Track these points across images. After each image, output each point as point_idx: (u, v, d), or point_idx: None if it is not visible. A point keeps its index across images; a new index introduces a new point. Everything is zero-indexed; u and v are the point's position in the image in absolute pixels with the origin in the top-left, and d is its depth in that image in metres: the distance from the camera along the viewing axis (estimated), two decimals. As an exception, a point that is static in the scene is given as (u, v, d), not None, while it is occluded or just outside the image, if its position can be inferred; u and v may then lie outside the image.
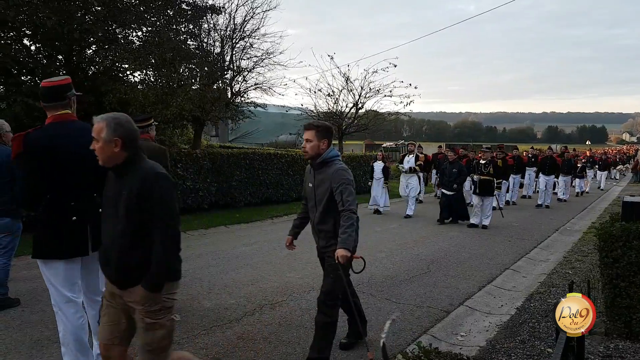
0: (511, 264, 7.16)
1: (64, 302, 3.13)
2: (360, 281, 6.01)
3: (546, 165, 14.85)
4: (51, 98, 3.15)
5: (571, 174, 16.58)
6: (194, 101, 11.53)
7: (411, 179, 11.95)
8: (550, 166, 14.79)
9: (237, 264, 6.85)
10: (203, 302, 5.12)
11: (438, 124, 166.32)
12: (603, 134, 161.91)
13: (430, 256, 7.51)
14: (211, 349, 3.95)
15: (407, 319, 4.77)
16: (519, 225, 10.80)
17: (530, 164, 16.01)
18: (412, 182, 11.94)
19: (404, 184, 12.05)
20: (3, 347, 3.89)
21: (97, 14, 12.10)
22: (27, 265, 6.49)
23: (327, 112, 18.75)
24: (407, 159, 12.24)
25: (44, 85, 3.17)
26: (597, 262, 6.87)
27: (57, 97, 3.15)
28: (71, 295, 3.15)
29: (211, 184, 11.68)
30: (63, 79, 3.26)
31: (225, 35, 13.18)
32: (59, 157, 3.04)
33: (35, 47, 12.28)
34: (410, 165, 12.14)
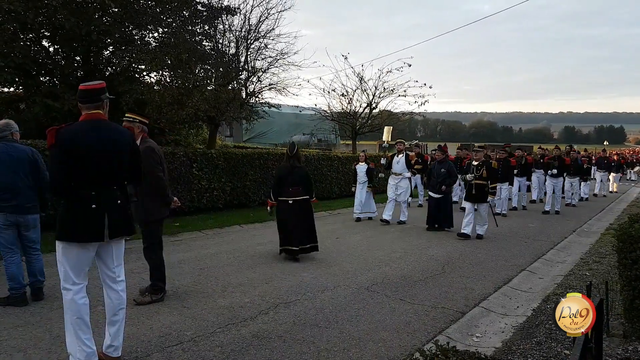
0: (527, 265, 7.09)
1: (70, 283, 3.39)
2: (374, 281, 6.02)
3: (553, 167, 13.29)
4: (86, 99, 3.48)
5: (579, 176, 14.99)
6: (209, 101, 11.63)
7: (401, 181, 10.75)
8: (558, 167, 13.23)
9: (251, 263, 6.89)
10: (218, 300, 5.16)
11: (453, 124, 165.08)
12: (621, 134, 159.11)
13: (445, 257, 7.47)
14: (226, 346, 3.98)
15: (422, 319, 4.76)
16: (536, 226, 10.68)
17: (537, 165, 14.44)
18: (403, 184, 10.75)
19: (393, 186, 10.80)
20: (23, 343, 3.96)
21: (114, 15, 12.27)
22: (46, 263, 6.61)
23: (341, 112, 18.76)
24: (397, 159, 10.89)
25: (81, 88, 3.50)
26: (615, 263, 6.79)
27: (92, 99, 3.48)
28: (77, 280, 3.42)
29: (226, 184, 11.76)
30: (98, 83, 3.54)
31: (240, 36, 13.27)
32: (82, 150, 3.33)
33: (54, 49, 12.50)
34: (400, 168, 10.75)
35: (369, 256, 7.42)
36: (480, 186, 9.02)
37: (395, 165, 10.87)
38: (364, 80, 17.35)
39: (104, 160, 3.42)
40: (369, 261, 7.10)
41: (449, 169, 9.86)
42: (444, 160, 10.09)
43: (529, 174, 14.14)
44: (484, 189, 9.04)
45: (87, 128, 3.43)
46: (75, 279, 3.40)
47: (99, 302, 5.00)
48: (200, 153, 11.40)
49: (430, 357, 2.72)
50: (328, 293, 5.52)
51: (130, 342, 4.01)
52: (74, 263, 3.39)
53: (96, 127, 3.45)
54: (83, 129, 3.42)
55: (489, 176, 9.07)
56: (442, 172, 9.80)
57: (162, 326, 4.38)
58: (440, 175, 9.81)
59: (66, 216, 3.38)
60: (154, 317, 4.60)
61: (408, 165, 10.84)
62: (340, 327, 4.49)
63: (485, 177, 9.03)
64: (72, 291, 3.37)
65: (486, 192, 9.06)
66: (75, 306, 3.37)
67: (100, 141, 3.41)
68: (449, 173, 9.81)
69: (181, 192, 10.70)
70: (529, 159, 14.49)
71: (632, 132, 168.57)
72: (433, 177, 10.07)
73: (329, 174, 15.11)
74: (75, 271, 3.40)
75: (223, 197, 11.73)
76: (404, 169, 10.78)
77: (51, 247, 7.16)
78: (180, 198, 10.61)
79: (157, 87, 12.49)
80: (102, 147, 3.40)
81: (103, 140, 3.42)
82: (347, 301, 5.24)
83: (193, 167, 10.95)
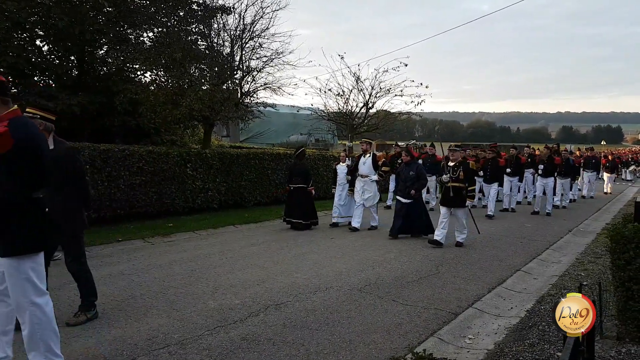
0: (522, 266, 7.03)
1: (40, 295, 3.15)
2: (367, 282, 5.96)
3: (543, 166, 12.86)
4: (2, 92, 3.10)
5: (569, 176, 14.17)
6: (204, 101, 11.56)
7: (368, 184, 9.71)
8: (547, 167, 12.80)
9: (244, 263, 6.83)
10: (208, 302, 5.09)
11: (451, 124, 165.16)
12: (619, 134, 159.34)
13: (440, 257, 7.41)
14: (214, 350, 3.92)
15: (414, 320, 4.70)
16: (531, 226, 10.63)
17: (527, 165, 13.87)
18: (370, 188, 9.71)
19: (360, 190, 9.75)
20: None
21: (108, 14, 12.21)
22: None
23: (337, 112, 18.68)
24: (363, 160, 9.86)
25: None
26: (610, 264, 6.76)
27: (4, 92, 3.10)
28: (44, 287, 3.21)
29: (220, 184, 11.70)
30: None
31: (235, 35, 13.19)
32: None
33: (48, 48, 12.43)
34: (367, 169, 9.74)
35: (363, 256, 7.36)
36: (457, 189, 8.19)
37: (362, 167, 9.83)
38: (361, 80, 17.24)
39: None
40: (362, 262, 7.04)
41: (418, 171, 8.96)
42: (412, 162, 9.19)
43: (521, 174, 13.58)
44: (461, 192, 8.18)
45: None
46: (43, 286, 3.20)
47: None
48: (195, 153, 11.34)
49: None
50: (320, 294, 5.46)
51: (116, 345, 3.94)
52: (40, 271, 3.18)
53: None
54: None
55: (466, 178, 8.19)
56: (410, 174, 8.90)
57: (150, 329, 4.31)
58: (408, 178, 8.91)
59: (25, 225, 3.10)
60: (141, 320, 4.53)
61: (375, 167, 9.78)
62: (331, 329, 4.43)
63: (462, 179, 8.17)
64: (44, 304, 3.15)
65: (464, 196, 8.20)
66: (47, 321, 3.16)
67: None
68: (418, 176, 8.90)
69: (175, 192, 10.64)
70: (521, 158, 13.82)
71: (630, 131, 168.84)
72: (401, 180, 9.17)
73: (325, 173, 15.05)
74: (42, 278, 3.20)
75: (218, 197, 11.66)
76: (371, 171, 9.74)
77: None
78: (174, 198, 10.61)
79: (151, 87, 12.41)
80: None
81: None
82: (339, 302, 5.18)
83: (187, 167, 10.89)
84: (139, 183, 9.84)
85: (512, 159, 13.38)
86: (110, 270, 6.30)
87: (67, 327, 4.29)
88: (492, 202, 12.19)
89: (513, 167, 13.20)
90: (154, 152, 10.25)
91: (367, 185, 9.73)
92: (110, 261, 6.83)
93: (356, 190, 9.85)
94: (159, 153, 10.34)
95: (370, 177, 9.73)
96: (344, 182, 10.30)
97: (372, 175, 9.74)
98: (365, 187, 9.73)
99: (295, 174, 9.96)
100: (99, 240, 7.96)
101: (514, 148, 14.09)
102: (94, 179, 9.05)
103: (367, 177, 9.74)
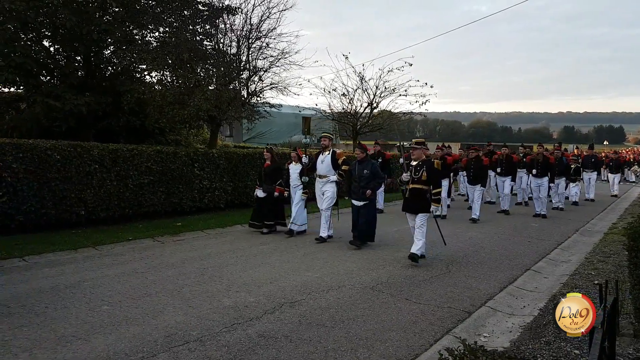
0: (532, 265, 7.06)
1: None
2: (379, 281, 5.99)
3: (536, 166, 12.20)
4: None
5: (564, 177, 13.60)
6: (211, 101, 11.60)
7: (326, 185, 8.63)
8: (541, 167, 12.12)
9: (255, 262, 6.86)
10: (223, 300, 5.12)
11: (452, 124, 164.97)
12: (621, 134, 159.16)
13: (450, 256, 7.43)
14: (233, 346, 3.94)
15: (429, 319, 4.72)
16: (538, 226, 10.65)
17: (520, 164, 13.21)
18: (328, 189, 8.62)
19: (319, 191, 8.80)
20: (28, 344, 3.92)
21: (115, 14, 12.26)
22: (49, 263, 6.58)
23: (342, 112, 18.72)
24: (322, 158, 8.71)
25: None
26: (621, 263, 6.78)
27: None
28: None
29: (227, 183, 11.73)
30: None
31: (242, 36, 13.22)
32: None
33: (55, 48, 12.48)
34: (325, 169, 8.63)
35: (372, 255, 7.39)
36: (420, 192, 7.04)
37: (320, 166, 8.68)
38: (365, 79, 17.28)
39: None
40: (372, 260, 7.06)
41: (372, 169, 8.03)
42: (366, 160, 8.19)
43: (513, 174, 12.77)
44: (424, 195, 7.04)
45: None
46: None
47: (103, 301, 4.98)
48: (202, 153, 11.37)
49: (460, 356, 2.68)
50: (333, 293, 5.48)
51: (135, 342, 3.97)
52: None
53: None
54: None
55: (429, 179, 7.03)
56: (364, 173, 7.96)
57: (168, 326, 4.34)
58: (362, 177, 7.96)
59: None
60: (159, 317, 4.56)
61: (335, 166, 8.59)
62: (346, 327, 4.46)
63: (425, 180, 7.02)
64: None
65: (427, 200, 7.07)
66: None
67: None
68: (373, 174, 7.99)
69: (183, 191, 10.67)
70: (514, 157, 13.10)
71: (632, 132, 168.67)
72: (354, 180, 8.11)
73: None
74: None
75: (224, 196, 11.69)
76: (330, 171, 8.59)
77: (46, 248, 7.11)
78: (182, 198, 10.64)
79: (158, 87, 12.45)
80: None
81: None
82: (353, 301, 5.20)
83: (194, 167, 10.92)
84: (147, 182, 9.88)
85: (503, 157, 12.71)
86: (123, 269, 6.33)
87: (85, 324, 4.32)
88: (477, 204, 11.26)
89: (504, 166, 12.56)
90: (162, 152, 10.29)
91: (326, 186, 8.66)
92: (122, 260, 6.86)
93: (317, 193, 8.86)
94: (167, 153, 10.37)
95: (329, 177, 8.62)
96: (297, 183, 9.03)
97: (331, 176, 8.60)
98: (323, 189, 8.70)
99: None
100: (109, 239, 8.00)
101: (506, 147, 13.32)
102: (102, 178, 9.09)
103: (325, 177, 8.65)
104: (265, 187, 9.18)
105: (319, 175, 8.73)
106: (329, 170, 8.62)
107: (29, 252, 6.96)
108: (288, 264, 6.79)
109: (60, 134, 11.08)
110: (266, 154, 9.47)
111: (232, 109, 12.40)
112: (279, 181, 9.18)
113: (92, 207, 8.98)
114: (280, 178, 9.25)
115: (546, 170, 12.22)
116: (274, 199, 9.14)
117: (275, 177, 9.23)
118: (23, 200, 8.05)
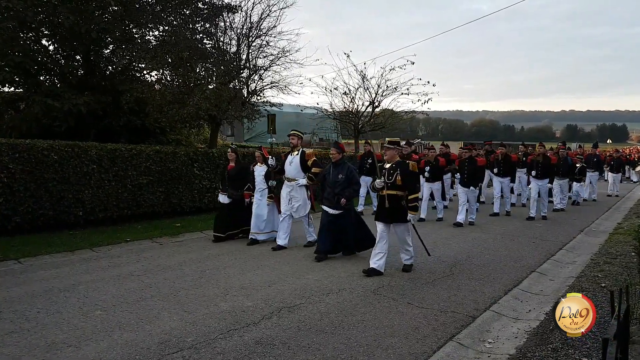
0: (537, 267, 6.90)
1: None
2: (380, 284, 5.85)
3: (537, 167, 11.55)
4: None
5: (568, 177, 13.11)
6: (211, 100, 11.48)
7: (295, 190, 7.75)
8: (542, 167, 11.49)
9: (254, 264, 6.73)
10: (220, 304, 5.00)
11: (455, 123, 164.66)
12: (624, 132, 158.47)
13: (453, 258, 7.29)
14: (228, 353, 3.82)
15: (432, 324, 4.58)
16: (542, 226, 10.49)
17: (520, 164, 12.54)
18: (298, 194, 7.76)
19: (285, 197, 7.86)
20: (17, 351, 3.81)
21: (114, 13, 12.13)
22: (45, 265, 6.47)
23: (343, 111, 18.60)
24: (290, 158, 7.84)
25: None
26: (628, 264, 6.63)
27: None
28: None
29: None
30: None
31: (242, 34, 13.10)
32: None
33: (54, 47, 12.38)
34: (294, 171, 7.77)
35: (374, 257, 7.23)
36: (395, 198, 6.27)
37: (288, 167, 7.82)
38: (367, 78, 17.16)
39: None
40: (374, 263, 6.91)
41: (348, 174, 7.05)
42: (341, 163, 7.20)
43: (512, 175, 12.05)
44: (399, 201, 6.28)
45: None
46: None
47: (96, 306, 4.86)
48: (202, 153, 11.25)
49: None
50: (333, 296, 5.35)
51: (127, 350, 3.85)
52: None
53: None
54: None
55: (405, 184, 6.27)
56: (339, 178, 7.01)
57: (162, 332, 4.22)
58: (337, 183, 7.01)
59: None
60: (153, 323, 4.44)
61: (304, 168, 7.74)
62: (346, 332, 4.33)
63: (400, 185, 6.28)
64: None
65: (403, 207, 6.30)
66: None
67: None
68: (349, 180, 7.03)
69: (182, 192, 10.56)
70: (512, 156, 12.43)
71: (635, 130, 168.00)
72: (327, 186, 7.16)
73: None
74: None
75: (225, 197, 11.56)
76: (299, 173, 7.75)
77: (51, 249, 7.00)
78: (181, 198, 10.52)
79: (157, 86, 12.35)
80: None
81: None
82: (353, 305, 5.07)
83: (194, 166, 10.80)
84: (146, 183, 9.77)
85: (501, 157, 11.95)
86: (120, 271, 6.22)
87: (77, 330, 4.20)
88: (472, 207, 10.60)
89: (503, 166, 11.86)
90: (162, 151, 10.18)
91: (295, 191, 7.77)
92: (119, 262, 6.75)
93: (282, 197, 7.94)
94: (166, 153, 10.26)
95: (298, 180, 7.76)
96: (262, 187, 8.21)
97: (300, 179, 7.76)
98: (292, 194, 7.79)
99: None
100: (106, 240, 7.89)
101: (503, 146, 12.46)
102: (100, 179, 8.98)
103: (294, 180, 7.78)
104: (230, 192, 8.37)
105: (287, 178, 7.88)
106: (298, 173, 7.76)
107: (25, 254, 6.86)
108: (288, 266, 6.66)
109: (60, 134, 10.98)
110: (230, 154, 8.51)
111: (232, 108, 12.28)
112: (247, 185, 8.24)
113: (90, 208, 8.88)
114: (248, 181, 8.29)
115: (547, 171, 11.61)
116: (241, 206, 8.29)
117: (240, 180, 8.33)
118: (20, 201, 7.95)
